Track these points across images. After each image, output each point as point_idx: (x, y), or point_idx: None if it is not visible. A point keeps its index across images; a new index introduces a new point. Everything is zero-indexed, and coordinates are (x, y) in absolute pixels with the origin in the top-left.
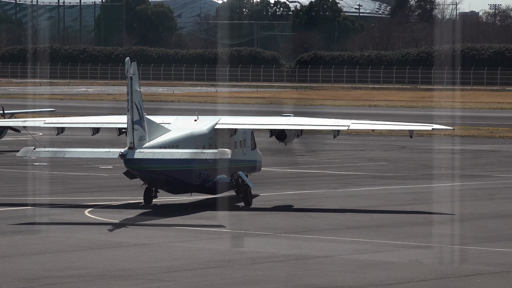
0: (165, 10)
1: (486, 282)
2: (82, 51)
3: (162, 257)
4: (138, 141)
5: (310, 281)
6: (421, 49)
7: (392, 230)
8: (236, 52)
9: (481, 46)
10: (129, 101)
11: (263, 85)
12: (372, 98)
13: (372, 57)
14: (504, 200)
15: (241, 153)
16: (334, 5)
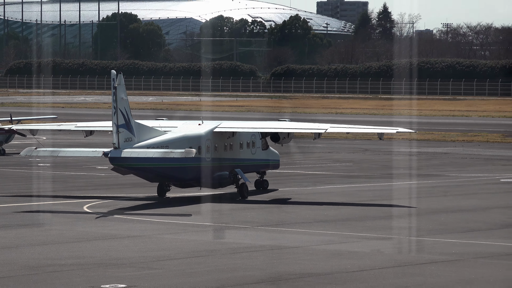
0: (155, 28)
1: (439, 269)
2: (81, 64)
3: (152, 247)
4: (124, 142)
5: (284, 269)
6: (382, 63)
7: (357, 224)
8: (218, 66)
9: (435, 60)
10: (115, 108)
11: (241, 94)
12: (339, 106)
13: (338, 70)
14: (455, 197)
15: (248, 153)
16: (305, 24)
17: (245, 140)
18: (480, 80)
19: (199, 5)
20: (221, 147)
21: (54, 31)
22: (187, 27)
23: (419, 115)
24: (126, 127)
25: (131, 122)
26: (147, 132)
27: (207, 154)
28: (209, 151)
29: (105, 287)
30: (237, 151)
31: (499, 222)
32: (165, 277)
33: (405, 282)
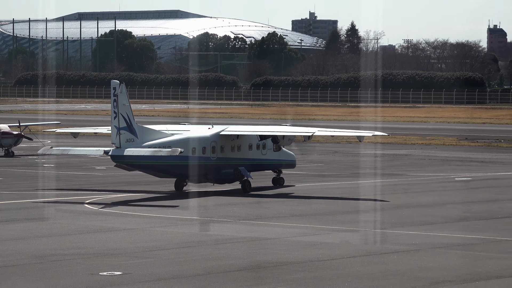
0: (148, 43)
1: (401, 258)
2: (82, 76)
3: (145, 239)
4: (125, 142)
5: (263, 258)
6: (350, 74)
7: (327, 217)
8: (203, 77)
9: (397, 72)
10: (116, 113)
11: (225, 103)
12: (311, 113)
13: (311, 81)
14: (415, 194)
15: (258, 154)
16: (281, 40)
17: (255, 142)
18: (437, 90)
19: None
20: (227, 148)
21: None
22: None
23: (383, 121)
24: (128, 129)
25: (133, 125)
26: (152, 134)
27: (213, 154)
28: (214, 151)
29: (103, 274)
30: (245, 151)
31: (454, 216)
32: (157, 266)
33: (370, 269)
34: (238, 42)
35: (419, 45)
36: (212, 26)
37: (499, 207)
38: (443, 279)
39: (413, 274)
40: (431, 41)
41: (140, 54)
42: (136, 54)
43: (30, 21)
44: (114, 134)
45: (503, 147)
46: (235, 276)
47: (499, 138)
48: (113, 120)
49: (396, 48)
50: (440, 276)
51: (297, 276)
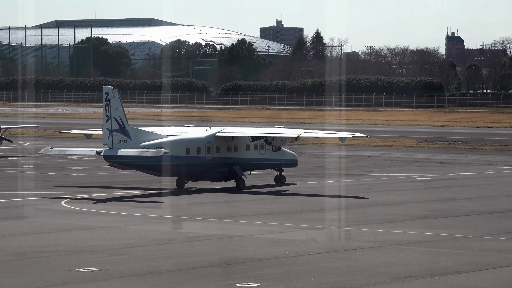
0: (122, 50)
1: (364, 255)
2: (59, 81)
3: (120, 236)
4: (118, 143)
5: (232, 254)
6: (315, 79)
7: (294, 216)
8: (176, 82)
9: (360, 77)
10: (109, 116)
11: (196, 106)
12: (279, 116)
13: (278, 85)
14: (377, 193)
15: (256, 154)
16: (250, 46)
17: (254, 142)
18: (398, 94)
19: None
20: (223, 148)
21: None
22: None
23: (347, 124)
24: (121, 131)
25: (126, 127)
26: (146, 135)
27: (208, 154)
28: (210, 151)
29: (79, 270)
30: (242, 152)
31: (414, 214)
32: (131, 262)
33: (335, 265)
34: (209, 49)
35: (381, 52)
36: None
37: (458, 205)
38: (404, 274)
39: (376, 270)
40: (392, 47)
41: (115, 60)
42: (111, 60)
43: (10, 28)
44: (106, 136)
45: (461, 149)
46: (206, 272)
47: (457, 140)
48: (105, 123)
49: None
50: (402, 272)
51: (266, 272)
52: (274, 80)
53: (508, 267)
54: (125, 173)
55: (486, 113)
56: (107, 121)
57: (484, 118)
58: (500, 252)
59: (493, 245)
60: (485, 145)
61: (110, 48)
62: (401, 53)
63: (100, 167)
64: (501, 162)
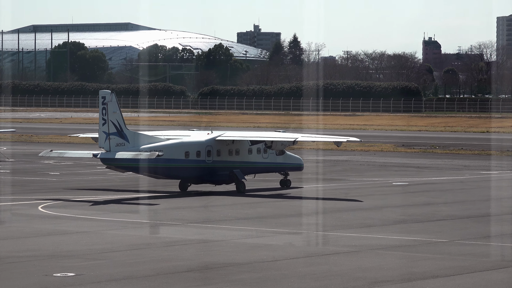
0: (99, 54)
1: (342, 259)
2: (36, 85)
3: (97, 241)
4: (115, 146)
5: (210, 259)
6: (293, 84)
7: (271, 220)
8: (153, 86)
9: (337, 82)
10: (105, 120)
11: (173, 111)
12: (256, 121)
13: (256, 90)
14: (355, 197)
15: (259, 157)
16: (227, 51)
17: (256, 146)
18: (376, 99)
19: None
20: (224, 152)
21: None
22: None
23: (324, 128)
24: (118, 134)
25: (124, 130)
26: (145, 139)
27: (208, 157)
28: (210, 155)
29: (56, 275)
30: (244, 155)
31: (391, 219)
32: (109, 267)
33: (313, 270)
34: (186, 54)
35: (358, 56)
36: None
37: (435, 210)
38: (381, 279)
39: (353, 274)
40: (369, 52)
41: (92, 65)
42: (88, 64)
43: None
44: (102, 139)
45: (438, 153)
46: (183, 277)
47: (434, 144)
48: (101, 127)
49: (336, 59)
50: (379, 276)
51: (243, 277)
52: (252, 85)
53: (485, 272)
54: (103, 177)
55: (463, 118)
56: (103, 125)
57: (461, 122)
58: (477, 257)
59: (470, 250)
60: (462, 150)
61: (87, 52)
62: (378, 57)
63: (78, 171)
64: (478, 167)
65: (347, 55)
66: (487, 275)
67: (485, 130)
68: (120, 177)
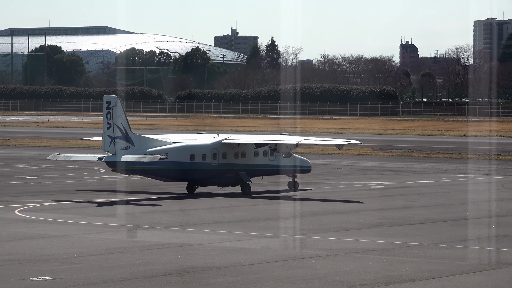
0: (76, 58)
1: (319, 263)
2: (13, 89)
3: (75, 245)
4: (120, 149)
5: (187, 263)
6: (270, 88)
7: (249, 224)
8: (130, 90)
9: (315, 85)
10: (110, 124)
11: (151, 115)
12: (233, 125)
13: (233, 94)
14: (332, 202)
15: (265, 160)
16: (204, 54)
17: (262, 149)
18: (353, 103)
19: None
20: (230, 155)
21: None
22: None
23: (302, 132)
24: (123, 138)
25: (129, 134)
26: (151, 142)
27: (214, 160)
28: (216, 158)
29: (33, 279)
30: (250, 158)
31: (369, 223)
32: (86, 271)
33: (290, 274)
34: (163, 57)
35: (335, 60)
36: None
37: (412, 213)
38: (359, 282)
39: (330, 278)
40: (346, 56)
41: (70, 68)
42: (65, 68)
43: None
44: (107, 143)
45: (415, 157)
46: (161, 281)
47: (411, 148)
48: (106, 131)
49: (313, 63)
50: (357, 280)
51: (220, 280)
52: (229, 89)
53: (462, 275)
54: (81, 181)
55: (440, 122)
56: (108, 129)
57: (438, 126)
58: (454, 260)
59: (448, 253)
60: (439, 153)
61: (64, 56)
62: (355, 61)
63: (55, 175)
64: (455, 170)
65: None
66: (464, 278)
67: (462, 134)
68: (97, 181)
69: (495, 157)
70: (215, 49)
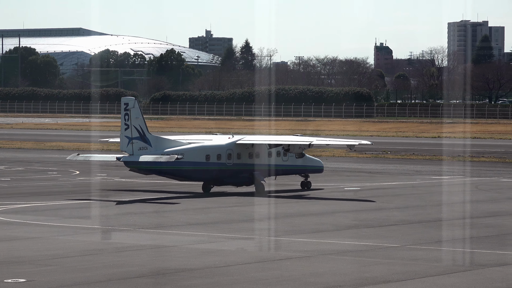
0: (51, 60)
1: (294, 264)
2: None
3: (49, 247)
4: (138, 150)
5: (162, 265)
6: (245, 89)
7: (224, 226)
8: (105, 92)
9: (289, 87)
10: (128, 125)
11: None
12: (208, 126)
13: (208, 95)
14: (307, 202)
15: (279, 160)
16: (179, 56)
17: (275, 149)
18: (327, 104)
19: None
20: (244, 155)
21: None
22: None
23: (276, 134)
24: (141, 139)
25: (146, 135)
26: (167, 143)
27: (228, 160)
28: (230, 158)
29: (7, 281)
30: (264, 158)
31: (343, 224)
32: (60, 273)
33: (265, 275)
34: (138, 59)
35: (310, 62)
36: (113, 43)
37: (386, 215)
38: (334, 284)
39: (305, 280)
40: (321, 58)
41: (44, 70)
42: (39, 70)
43: None
44: (124, 143)
45: (389, 159)
46: (135, 283)
47: (386, 150)
48: (124, 132)
49: (288, 65)
50: (331, 281)
51: (195, 282)
52: (204, 90)
53: (436, 276)
54: (55, 183)
55: (415, 123)
56: (126, 130)
57: (413, 128)
58: (429, 261)
59: (422, 254)
60: (414, 155)
61: (38, 57)
62: (330, 63)
63: (29, 177)
64: (429, 172)
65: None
66: (439, 279)
67: (436, 135)
68: (72, 183)
69: (469, 158)
70: (190, 51)
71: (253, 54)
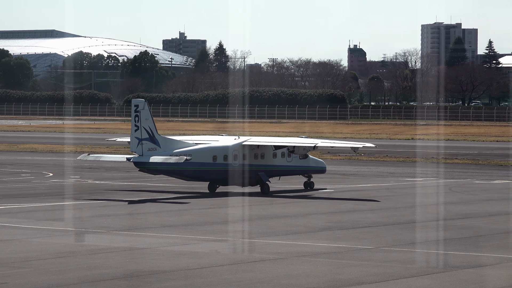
0: (24, 61)
1: (268, 266)
2: None
3: (22, 249)
4: (148, 150)
5: (136, 267)
6: (218, 91)
7: (197, 228)
8: (78, 94)
9: (263, 89)
10: (138, 126)
11: (99, 118)
12: (182, 128)
13: (181, 97)
14: (281, 205)
15: (283, 161)
16: (153, 58)
17: (280, 151)
18: (301, 106)
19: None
20: (250, 156)
21: None
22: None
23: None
24: (150, 140)
25: (156, 136)
26: (175, 144)
27: (235, 161)
28: (236, 159)
29: None
30: (269, 159)
31: (317, 226)
32: (33, 275)
33: (238, 277)
34: (111, 61)
35: (283, 64)
36: (86, 45)
37: (360, 217)
38: (308, 286)
39: (279, 281)
40: (295, 60)
41: (17, 72)
42: (12, 71)
43: None
44: (134, 144)
45: (363, 160)
46: (109, 285)
47: (359, 151)
48: (134, 133)
49: (262, 67)
50: (305, 283)
51: (169, 284)
52: (177, 92)
53: (410, 278)
54: (29, 185)
55: (388, 125)
56: (136, 131)
57: (386, 130)
58: (403, 263)
59: (396, 256)
60: (387, 157)
61: (11, 59)
62: (303, 65)
63: (1, 179)
64: (403, 174)
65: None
66: (412, 281)
67: (410, 137)
68: (44, 185)
69: (442, 160)
70: (164, 53)
71: (227, 56)
